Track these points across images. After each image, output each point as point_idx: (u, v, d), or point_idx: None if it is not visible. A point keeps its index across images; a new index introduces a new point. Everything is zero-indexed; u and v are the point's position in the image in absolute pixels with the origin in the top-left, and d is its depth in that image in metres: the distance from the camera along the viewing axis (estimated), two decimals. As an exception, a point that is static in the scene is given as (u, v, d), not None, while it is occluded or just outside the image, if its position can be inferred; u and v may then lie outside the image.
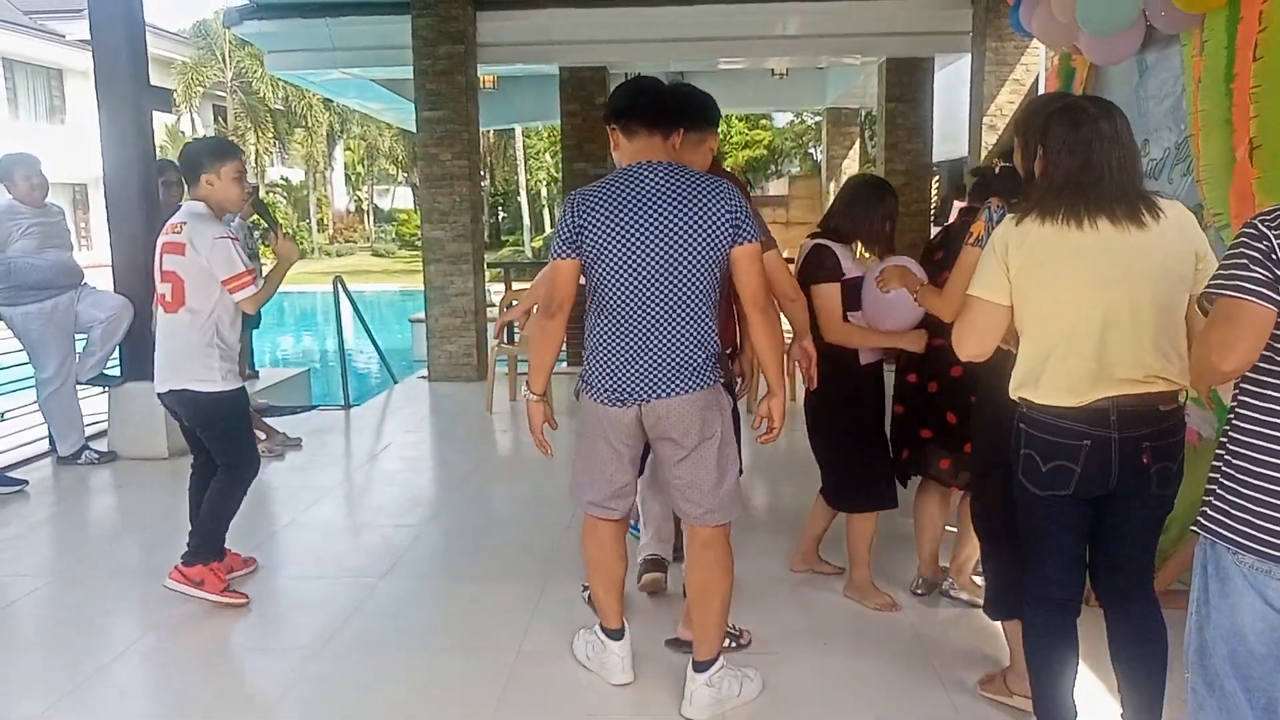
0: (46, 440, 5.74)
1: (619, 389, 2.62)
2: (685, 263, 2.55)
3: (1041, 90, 6.24)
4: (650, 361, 2.58)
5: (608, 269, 2.57)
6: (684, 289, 2.56)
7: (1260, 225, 1.65)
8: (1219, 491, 1.77)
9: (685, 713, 2.75)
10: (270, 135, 34.60)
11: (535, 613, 3.42)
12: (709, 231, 2.54)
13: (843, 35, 8.69)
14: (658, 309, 2.57)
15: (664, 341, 2.58)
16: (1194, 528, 1.83)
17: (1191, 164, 3.79)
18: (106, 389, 5.77)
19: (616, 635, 2.92)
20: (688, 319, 2.58)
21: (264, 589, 3.78)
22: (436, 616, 3.51)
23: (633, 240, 2.55)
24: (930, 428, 3.30)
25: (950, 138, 9.98)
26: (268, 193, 35.18)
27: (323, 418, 6.92)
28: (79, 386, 5.60)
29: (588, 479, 2.82)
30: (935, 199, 10.79)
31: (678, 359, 2.58)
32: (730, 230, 2.56)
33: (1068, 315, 2.14)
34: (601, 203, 2.59)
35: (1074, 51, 4.81)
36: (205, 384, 3.45)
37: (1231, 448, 1.76)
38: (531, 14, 8.37)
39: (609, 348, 2.63)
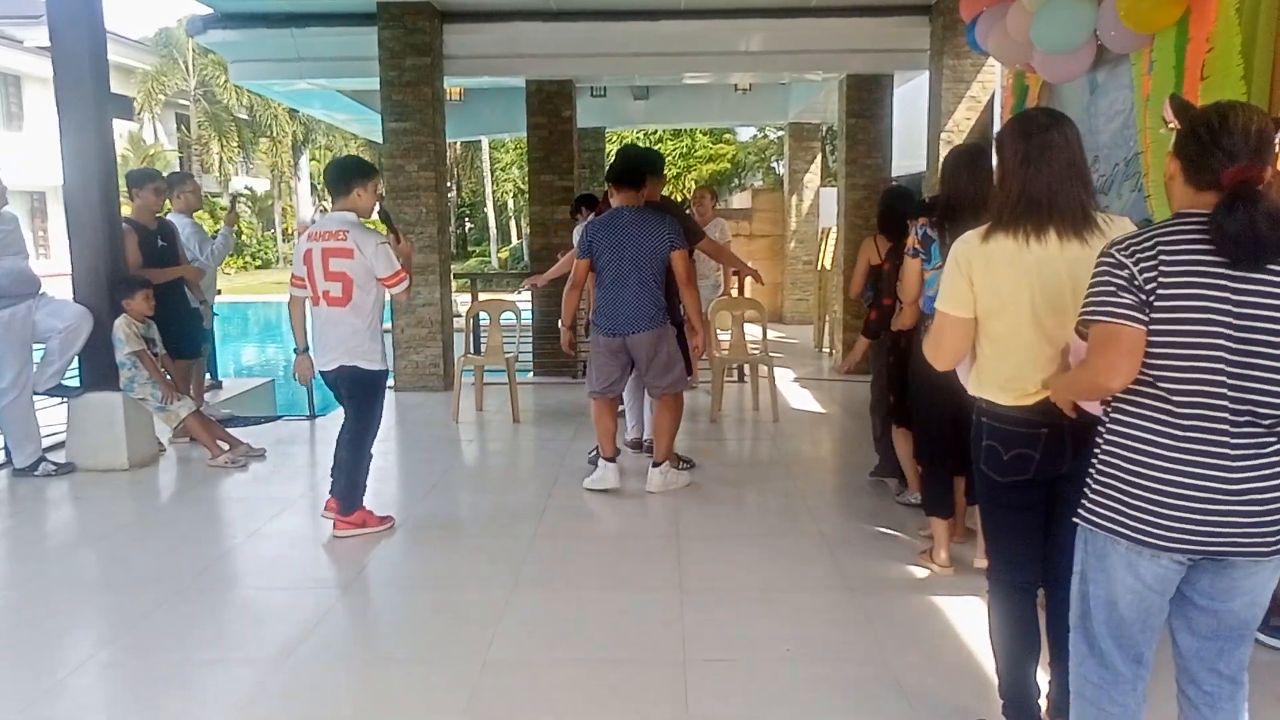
0: (2, 451, 5.65)
1: (613, 327, 4.90)
2: (642, 260, 4.85)
3: (998, 106, 6.37)
4: (628, 313, 4.86)
5: (606, 262, 4.90)
6: (643, 274, 4.85)
7: (1117, 255, 1.86)
8: (1095, 485, 1.98)
9: (647, 488, 5.04)
10: (234, 144, 34.24)
11: (501, 622, 3.43)
12: (655, 244, 4.86)
13: (805, 51, 8.80)
14: (629, 284, 4.85)
15: (634, 301, 4.85)
16: (1075, 518, 2.03)
17: (1140, 180, 3.90)
18: (65, 399, 5.70)
19: (611, 460, 5.05)
20: (646, 289, 4.86)
21: (226, 600, 3.76)
22: (401, 627, 3.51)
23: (617, 248, 4.87)
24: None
25: (909, 153, 10.11)
26: (233, 200, 34.80)
27: (287, 428, 6.87)
28: (36, 397, 5.52)
29: (593, 378, 5.05)
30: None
31: (642, 312, 4.86)
32: (667, 243, 4.87)
33: (1021, 324, 2.26)
34: (604, 227, 4.95)
35: (1027, 69, 4.93)
36: (372, 364, 4.29)
37: (1106, 447, 1.96)
38: (498, 27, 8.39)
39: (607, 305, 4.92)
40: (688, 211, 7.46)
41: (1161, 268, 1.81)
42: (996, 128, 6.61)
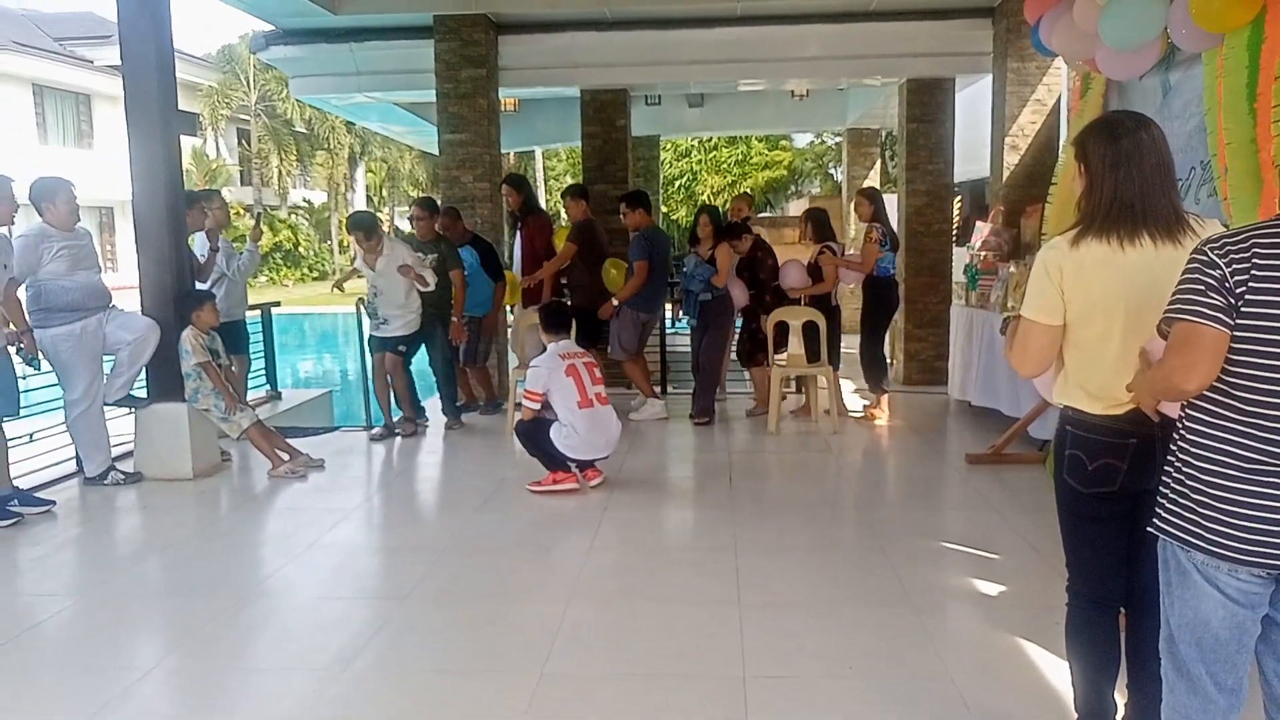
0: (74, 461, 5.80)
1: (652, 309, 7.41)
2: (666, 260, 7.65)
3: (1063, 109, 6.22)
4: (661, 297, 7.58)
5: (657, 264, 7.19)
6: (666, 270, 7.71)
7: (1211, 254, 1.78)
8: (1171, 495, 1.93)
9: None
10: (293, 157, 34.97)
11: (558, 635, 3.41)
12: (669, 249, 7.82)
13: (863, 56, 8.69)
14: (664, 278, 7.61)
15: (664, 289, 7.63)
16: (1150, 528, 1.96)
17: (1216, 184, 3.76)
18: (133, 410, 5.83)
19: (658, 398, 7.45)
20: (666, 281, 7.84)
21: (285, 610, 3.80)
22: (458, 638, 3.50)
23: (664, 254, 7.39)
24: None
25: (972, 158, 9.94)
26: (291, 213, 35.58)
27: (345, 439, 6.96)
28: (106, 407, 5.66)
29: (632, 344, 7.22)
30: (957, 219, 10.74)
31: (664, 295, 7.74)
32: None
33: (1113, 330, 2.20)
34: (658, 240, 7.35)
35: (1090, 66, 4.80)
36: None
37: (1182, 456, 1.89)
38: (552, 37, 8.44)
39: (651, 293, 7.28)
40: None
41: (1254, 271, 1.73)
42: (1063, 131, 6.46)
